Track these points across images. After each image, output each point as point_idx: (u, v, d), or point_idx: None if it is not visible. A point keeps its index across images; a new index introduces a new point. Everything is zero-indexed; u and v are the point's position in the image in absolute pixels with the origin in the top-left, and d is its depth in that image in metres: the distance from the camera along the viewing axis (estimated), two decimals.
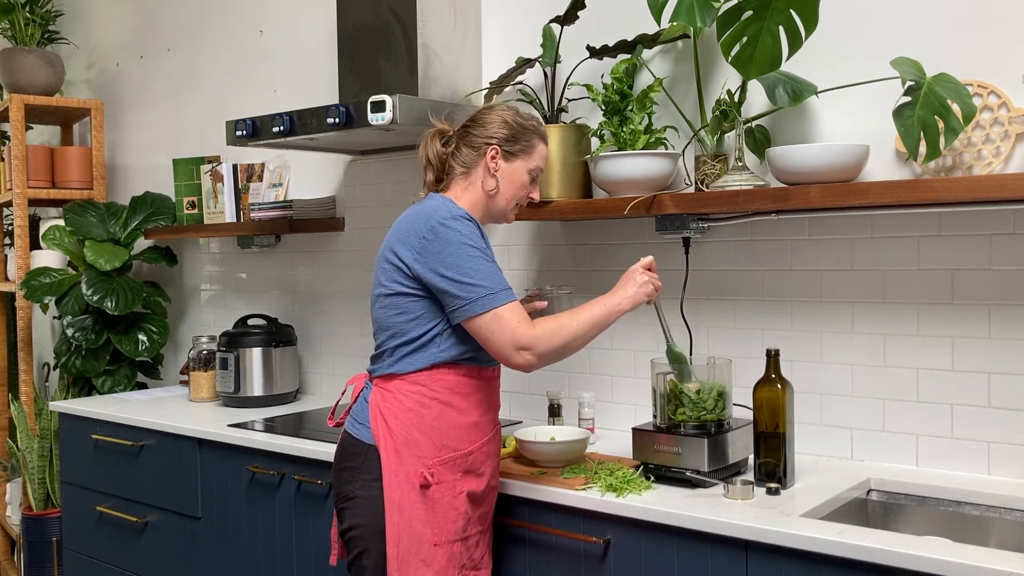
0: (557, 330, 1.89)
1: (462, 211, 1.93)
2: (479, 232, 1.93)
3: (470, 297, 1.87)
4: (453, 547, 1.94)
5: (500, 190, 2.03)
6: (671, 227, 2.31)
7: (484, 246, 1.92)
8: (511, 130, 2.02)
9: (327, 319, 3.36)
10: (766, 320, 2.33)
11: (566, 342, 1.90)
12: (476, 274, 1.87)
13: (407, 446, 1.93)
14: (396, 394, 1.95)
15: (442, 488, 1.93)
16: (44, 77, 4.07)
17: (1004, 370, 2.01)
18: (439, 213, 1.91)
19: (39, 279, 3.73)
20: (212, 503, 2.79)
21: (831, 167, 2.00)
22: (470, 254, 1.88)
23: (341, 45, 2.87)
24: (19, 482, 4.05)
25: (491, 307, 1.86)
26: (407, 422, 1.94)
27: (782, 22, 1.96)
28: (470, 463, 1.96)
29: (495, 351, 1.90)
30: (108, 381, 3.77)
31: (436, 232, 1.89)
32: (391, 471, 1.92)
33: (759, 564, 1.72)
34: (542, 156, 2.08)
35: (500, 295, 1.87)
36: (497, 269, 1.92)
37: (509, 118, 2.03)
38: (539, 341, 1.87)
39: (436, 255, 1.88)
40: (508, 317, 1.87)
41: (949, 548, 1.56)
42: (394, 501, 1.91)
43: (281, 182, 3.38)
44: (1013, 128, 1.97)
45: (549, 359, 1.91)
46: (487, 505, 2.03)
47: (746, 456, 2.09)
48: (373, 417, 1.97)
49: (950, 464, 2.07)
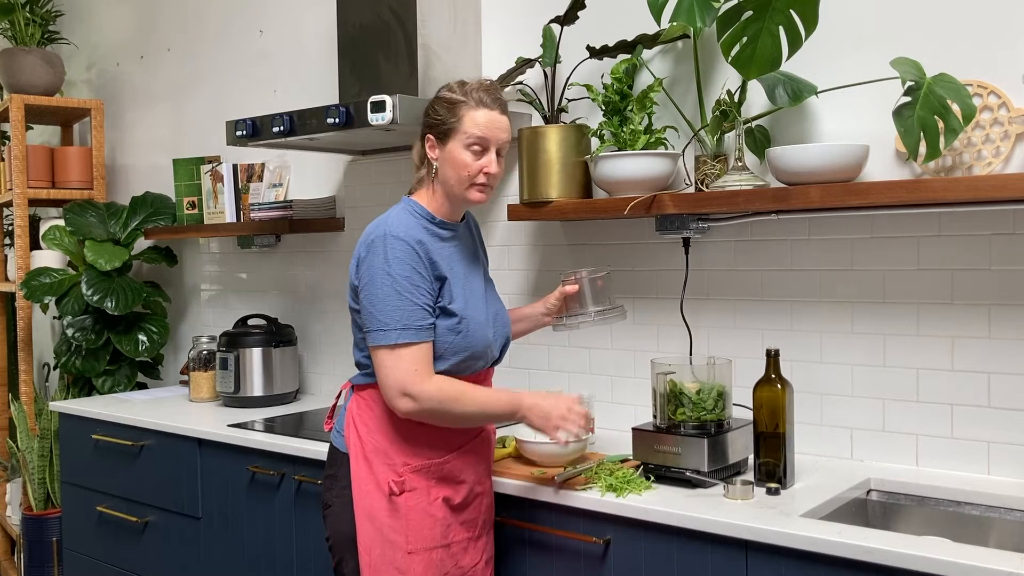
0: (452, 399, 1.84)
1: (403, 227, 1.86)
2: (412, 255, 1.83)
3: (369, 326, 1.85)
4: (431, 554, 1.90)
5: (443, 177, 1.92)
6: (671, 227, 2.31)
7: (406, 271, 1.82)
8: (435, 112, 1.91)
9: (327, 319, 3.36)
10: (766, 320, 2.33)
11: (456, 415, 1.86)
12: (379, 305, 1.82)
13: (376, 454, 1.91)
14: (369, 402, 1.94)
15: (415, 495, 1.90)
16: (44, 77, 4.07)
17: (1004, 370, 2.01)
18: (380, 228, 1.87)
19: (39, 279, 3.73)
20: (212, 503, 2.79)
21: (831, 167, 2.00)
22: (381, 281, 1.82)
23: (341, 45, 2.87)
24: (19, 482, 4.05)
25: (379, 344, 1.82)
26: (378, 429, 1.92)
27: (782, 22, 1.96)
28: (446, 471, 1.94)
29: (381, 387, 1.86)
30: (108, 381, 3.77)
31: (369, 249, 1.86)
32: (360, 479, 1.90)
33: (759, 564, 1.72)
34: (474, 123, 1.88)
35: (393, 334, 1.80)
36: (406, 302, 1.82)
37: (441, 98, 1.92)
38: (427, 399, 1.81)
39: (364, 273, 1.86)
40: (405, 359, 1.81)
41: (949, 548, 1.56)
42: (364, 509, 1.89)
43: (281, 182, 3.38)
44: (1013, 128, 1.97)
45: (429, 418, 1.86)
46: (475, 511, 1.99)
47: (746, 456, 2.09)
48: (347, 424, 1.96)
49: (950, 464, 2.07)
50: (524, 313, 2.25)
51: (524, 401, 1.90)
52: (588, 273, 2.15)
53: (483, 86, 1.93)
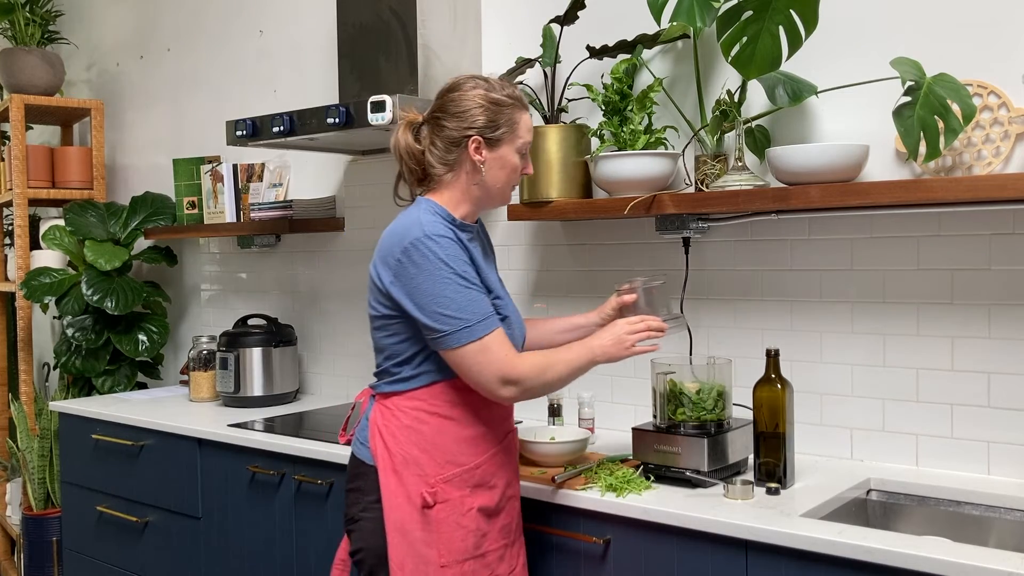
0: (544, 368, 1.81)
1: (438, 226, 1.80)
2: (458, 249, 1.80)
3: (445, 330, 1.76)
4: (464, 566, 1.84)
5: (490, 180, 1.87)
6: (671, 227, 2.31)
7: (464, 265, 1.79)
8: (489, 114, 1.84)
9: (327, 319, 3.36)
10: (766, 320, 2.33)
11: (551, 382, 1.83)
12: (452, 304, 1.75)
13: (406, 465, 1.84)
14: (394, 411, 1.87)
15: (448, 507, 1.84)
16: (44, 77, 4.07)
17: (1004, 370, 2.01)
18: (413, 231, 1.78)
19: (39, 279, 3.73)
20: (212, 503, 2.79)
21: (831, 167, 2.00)
22: (444, 281, 1.76)
23: (341, 45, 2.87)
24: (19, 482, 4.05)
25: (467, 341, 1.76)
26: (405, 440, 1.85)
27: (782, 22, 1.96)
28: (479, 476, 1.87)
29: (478, 384, 1.79)
30: (108, 381, 3.77)
31: (409, 255, 1.77)
32: (390, 492, 1.84)
33: (759, 564, 1.72)
34: (527, 128, 1.89)
35: (478, 327, 1.76)
36: (476, 294, 1.79)
37: (483, 99, 1.84)
38: (526, 377, 1.78)
39: (410, 280, 1.77)
40: (493, 348, 1.77)
41: (949, 548, 1.56)
42: (395, 523, 1.83)
43: (281, 182, 3.38)
44: (1013, 128, 1.97)
45: (530, 396, 1.83)
46: (508, 516, 1.94)
47: (746, 456, 2.09)
48: (372, 436, 1.88)
49: (950, 464, 2.07)
50: (577, 323, 2.14)
51: (593, 344, 1.87)
52: (643, 282, 2.06)
53: (512, 84, 1.91)
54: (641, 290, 2.03)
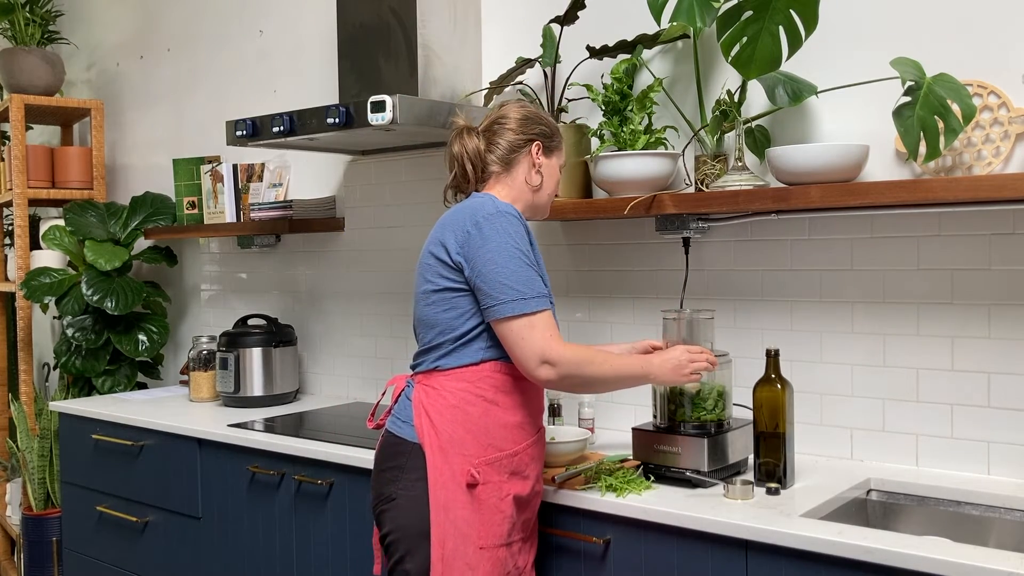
0: (587, 361, 1.85)
1: (509, 207, 1.90)
2: (524, 231, 1.89)
3: (500, 298, 1.82)
4: (498, 552, 1.87)
5: (543, 185, 2.02)
6: (671, 227, 2.31)
7: (527, 247, 1.88)
8: (549, 127, 2.03)
9: (327, 319, 3.36)
10: (766, 320, 2.33)
11: (591, 377, 1.86)
12: (512, 276, 1.83)
13: (452, 444, 1.87)
14: (440, 391, 1.90)
15: (488, 488, 1.87)
16: (44, 77, 4.07)
17: (1004, 370, 2.01)
18: (486, 208, 1.88)
19: (39, 279, 3.73)
20: (212, 503, 2.79)
21: (831, 167, 2.00)
22: (510, 253, 1.84)
23: (341, 45, 2.87)
24: (19, 482, 4.05)
25: (519, 313, 1.82)
26: (452, 419, 1.88)
27: (782, 22, 1.96)
28: (516, 464, 1.91)
29: (518, 358, 1.85)
30: (108, 381, 3.77)
31: (480, 227, 1.85)
32: (436, 469, 1.86)
33: (759, 564, 1.72)
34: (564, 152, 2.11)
35: (532, 302, 1.82)
36: (535, 274, 1.86)
37: (544, 115, 2.04)
38: (566, 362, 1.82)
39: (477, 249, 1.85)
40: (539, 326, 1.82)
41: (949, 548, 1.56)
42: (439, 500, 1.85)
43: (281, 182, 3.38)
44: (1013, 128, 1.97)
45: (568, 385, 1.87)
46: (531, 511, 1.97)
47: (746, 456, 2.09)
48: (417, 414, 1.91)
49: (950, 464, 2.07)
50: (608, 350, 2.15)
51: (653, 359, 1.92)
52: (692, 313, 2.10)
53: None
54: (687, 321, 2.08)
